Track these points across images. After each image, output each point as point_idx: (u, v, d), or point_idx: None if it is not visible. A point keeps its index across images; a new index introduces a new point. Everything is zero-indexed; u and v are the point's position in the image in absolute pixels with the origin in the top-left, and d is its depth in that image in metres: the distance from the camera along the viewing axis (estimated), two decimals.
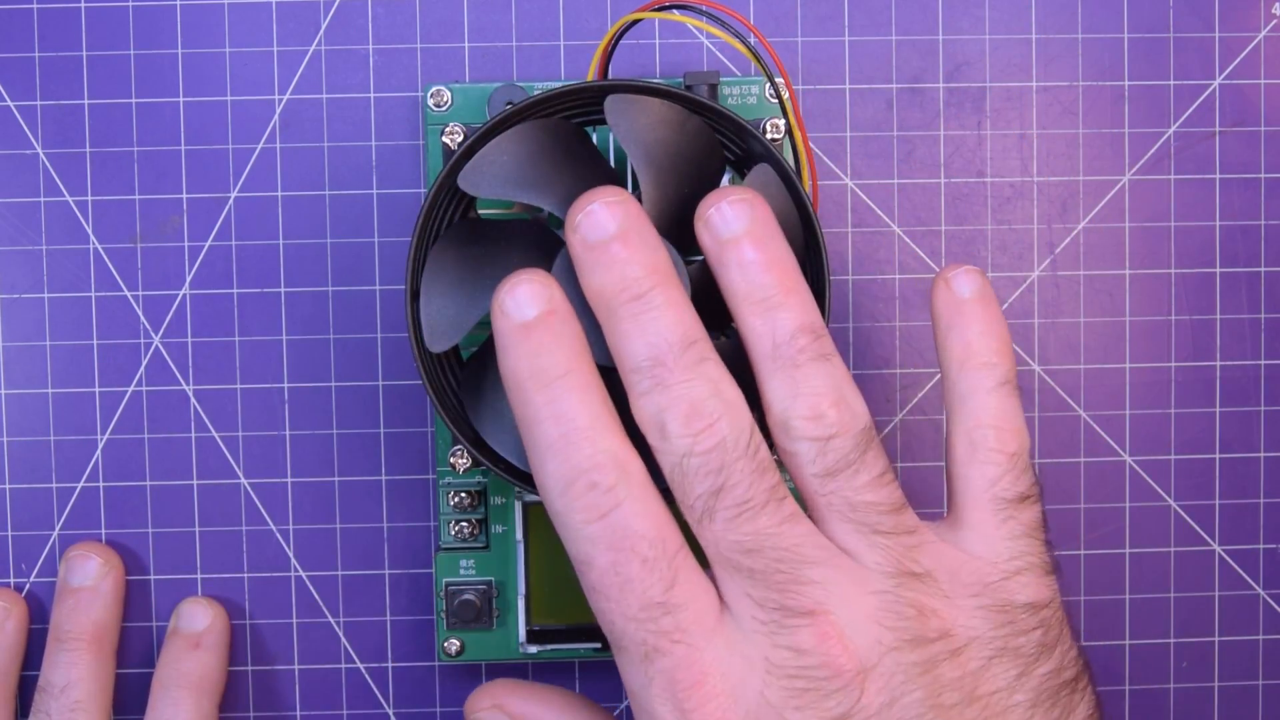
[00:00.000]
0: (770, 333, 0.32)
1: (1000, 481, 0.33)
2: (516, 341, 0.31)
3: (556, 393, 0.30)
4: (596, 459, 0.30)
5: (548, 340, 0.31)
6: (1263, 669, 0.44)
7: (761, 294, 0.32)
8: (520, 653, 0.41)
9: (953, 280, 0.35)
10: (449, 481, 0.41)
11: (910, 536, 0.32)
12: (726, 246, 0.32)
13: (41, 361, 0.42)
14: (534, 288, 0.31)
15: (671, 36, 0.42)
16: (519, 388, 0.31)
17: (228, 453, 0.42)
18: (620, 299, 0.31)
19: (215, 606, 0.42)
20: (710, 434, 0.30)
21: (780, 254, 0.32)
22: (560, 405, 0.30)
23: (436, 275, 0.36)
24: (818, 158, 0.43)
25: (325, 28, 0.42)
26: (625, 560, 0.30)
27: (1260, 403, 0.43)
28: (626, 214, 0.32)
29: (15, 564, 0.42)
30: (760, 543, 0.30)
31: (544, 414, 0.30)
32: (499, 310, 0.31)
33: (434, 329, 0.36)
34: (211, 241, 0.42)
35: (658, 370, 0.31)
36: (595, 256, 0.31)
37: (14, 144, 0.42)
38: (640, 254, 0.31)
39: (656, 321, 0.31)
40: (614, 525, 0.30)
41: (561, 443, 0.30)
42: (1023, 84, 0.43)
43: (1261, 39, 0.43)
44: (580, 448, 0.30)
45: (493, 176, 0.36)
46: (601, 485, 0.30)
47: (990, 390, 0.34)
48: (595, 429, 0.30)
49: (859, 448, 0.31)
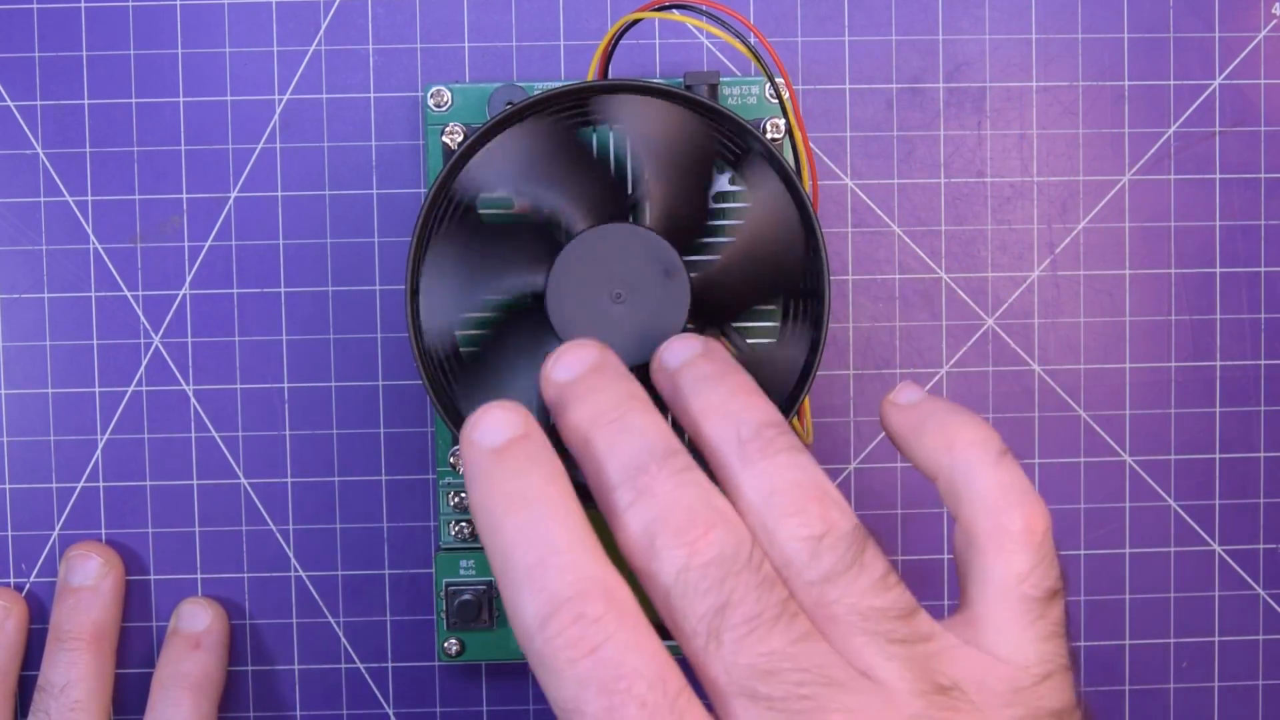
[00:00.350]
0: (734, 430, 0.29)
1: (1030, 577, 0.29)
2: (487, 469, 0.28)
3: (532, 516, 0.27)
4: (581, 586, 0.26)
5: (521, 463, 0.28)
6: (1263, 669, 0.44)
7: (719, 400, 0.30)
8: (520, 653, 0.41)
9: (897, 398, 0.33)
10: (449, 481, 0.41)
11: (929, 644, 0.28)
12: (679, 374, 0.31)
13: (41, 361, 0.42)
14: (503, 413, 0.28)
15: (671, 36, 0.42)
16: (488, 514, 0.27)
17: (228, 453, 0.42)
18: (596, 424, 0.29)
19: (215, 607, 0.42)
20: (707, 543, 0.27)
21: (735, 369, 0.31)
22: (537, 529, 0.27)
23: (437, 270, 0.36)
24: (818, 158, 0.43)
25: (325, 28, 0.42)
26: (621, 705, 0.25)
27: (1260, 403, 0.43)
28: (600, 353, 0.30)
29: (15, 564, 0.42)
30: (777, 664, 0.26)
31: (518, 539, 0.27)
32: (466, 441, 0.28)
33: (433, 324, 0.36)
34: (211, 241, 0.42)
35: (641, 479, 0.28)
36: (569, 394, 0.30)
37: (14, 144, 0.42)
38: (614, 384, 0.29)
39: (636, 435, 0.28)
40: (605, 662, 0.26)
41: (539, 569, 0.26)
42: (1023, 84, 0.43)
43: (1261, 39, 0.43)
44: (562, 574, 0.26)
45: (497, 174, 0.36)
46: (588, 616, 0.26)
47: (993, 464, 0.30)
48: (577, 552, 0.26)
49: (855, 547, 0.28)
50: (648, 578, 0.27)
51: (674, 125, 0.36)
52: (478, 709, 0.43)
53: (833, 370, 0.43)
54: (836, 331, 0.43)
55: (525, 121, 0.36)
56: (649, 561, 0.27)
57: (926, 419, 0.32)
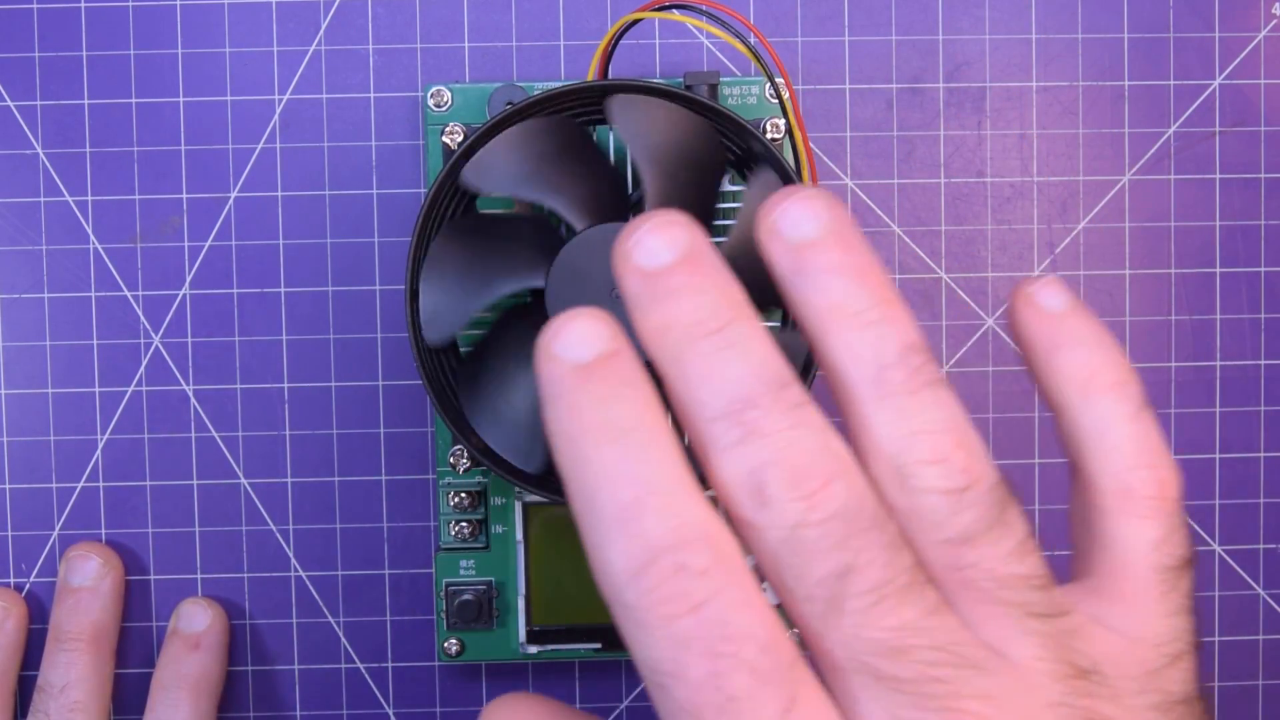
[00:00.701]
0: (872, 352, 0.24)
1: (1165, 545, 0.26)
2: (572, 388, 0.24)
3: (627, 448, 0.23)
4: (683, 532, 0.22)
5: (613, 385, 0.24)
6: (1263, 669, 0.44)
7: (856, 305, 0.25)
8: (520, 653, 0.41)
9: (1038, 295, 0.27)
10: (449, 481, 0.41)
11: (1068, 619, 0.24)
12: (804, 251, 0.25)
13: (41, 361, 0.42)
14: (589, 324, 0.24)
15: (671, 36, 0.42)
16: (573, 443, 0.23)
17: (228, 453, 0.42)
18: (691, 335, 0.24)
19: (215, 607, 0.42)
20: (828, 496, 0.23)
21: (871, 259, 0.25)
22: (632, 463, 0.23)
23: (437, 267, 0.36)
24: (818, 158, 0.43)
25: (325, 28, 0.42)
26: (729, 671, 0.22)
27: (1260, 403, 0.43)
28: (690, 237, 0.25)
29: (15, 564, 0.42)
30: (907, 640, 0.23)
31: (610, 475, 0.23)
32: (545, 354, 0.24)
33: (433, 321, 0.36)
34: (211, 241, 0.42)
35: (749, 413, 0.23)
36: (654, 287, 0.24)
37: (14, 144, 0.42)
38: (710, 280, 0.24)
39: (743, 357, 0.24)
40: (710, 621, 0.22)
41: (635, 511, 0.23)
42: (1023, 84, 0.43)
43: (1261, 39, 0.43)
44: (661, 518, 0.22)
45: (497, 173, 0.36)
46: (691, 567, 0.22)
47: (1131, 418, 0.26)
48: (677, 493, 0.23)
49: (998, 504, 0.24)
50: (752, 530, 0.23)
51: (675, 125, 0.36)
52: (478, 709, 0.43)
53: None
54: None
55: (526, 121, 0.36)
56: (755, 512, 0.23)
57: (1068, 340, 0.27)
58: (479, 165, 0.35)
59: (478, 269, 0.36)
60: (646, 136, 0.36)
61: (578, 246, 0.35)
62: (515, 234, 0.37)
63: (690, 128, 0.36)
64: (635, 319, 0.25)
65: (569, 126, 0.37)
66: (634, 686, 0.43)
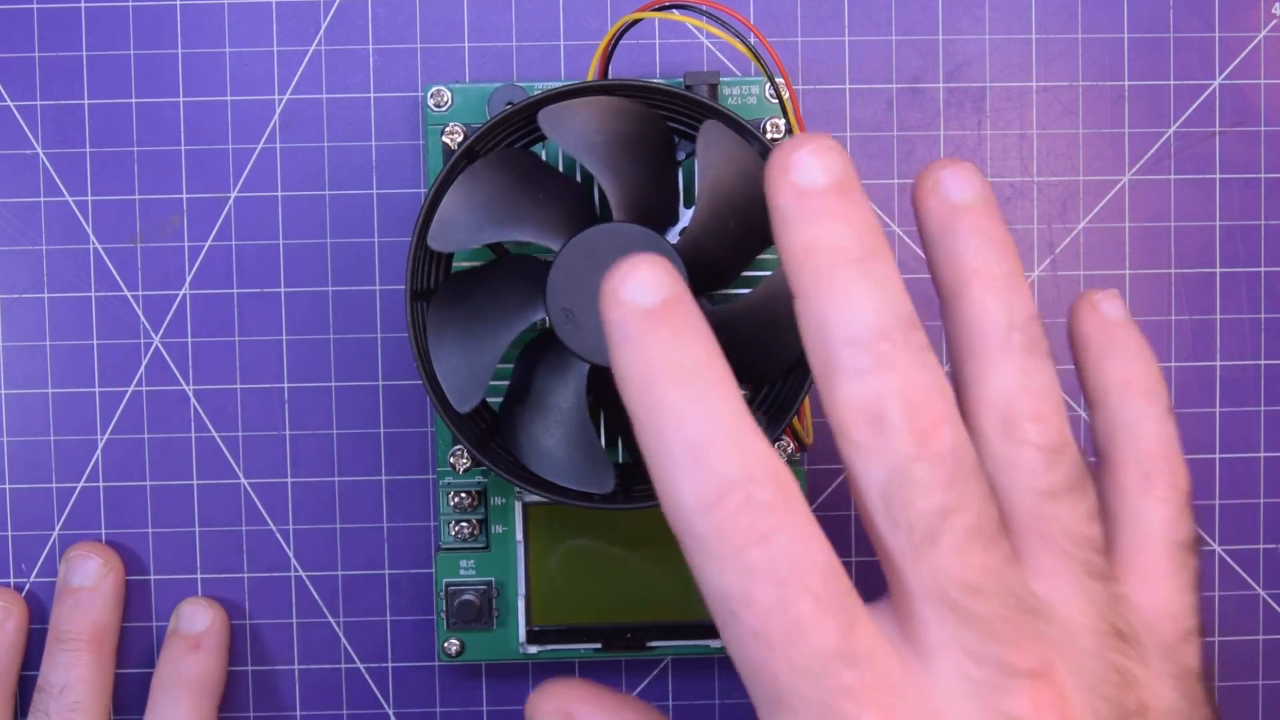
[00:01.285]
0: (1005, 314, 0.27)
1: (1177, 523, 0.29)
2: (641, 331, 0.25)
3: (696, 389, 0.25)
4: (750, 469, 0.24)
5: (680, 329, 0.25)
6: (1263, 669, 0.44)
7: (999, 269, 0.27)
8: (520, 653, 0.41)
9: (1101, 304, 0.31)
10: (449, 481, 0.41)
11: (1116, 585, 0.27)
12: (960, 213, 0.28)
13: (41, 361, 0.42)
14: (656, 270, 0.25)
15: (671, 36, 0.42)
16: (646, 385, 0.25)
17: (228, 453, 0.42)
18: (837, 258, 0.25)
19: (215, 607, 0.42)
20: (940, 436, 0.25)
21: (1009, 237, 0.28)
22: (701, 403, 0.25)
23: (441, 339, 0.36)
24: None
25: (325, 28, 0.42)
26: (796, 597, 0.24)
27: (1260, 403, 0.43)
28: (844, 165, 0.26)
29: (15, 564, 0.42)
30: (988, 582, 0.25)
31: (680, 414, 0.25)
32: (613, 298, 0.25)
33: (457, 390, 0.36)
34: (211, 241, 0.42)
35: (882, 345, 0.25)
36: (808, 206, 0.26)
37: (14, 144, 0.42)
38: (861, 212, 0.26)
39: (881, 289, 0.26)
40: (779, 552, 0.24)
41: (705, 448, 0.24)
42: (1023, 84, 0.43)
43: (1261, 39, 0.43)
44: (729, 454, 0.24)
45: (459, 228, 0.36)
46: (759, 501, 0.24)
47: (1158, 419, 0.30)
48: (744, 432, 0.25)
49: (1081, 471, 0.27)
50: (860, 453, 0.25)
51: (609, 118, 0.36)
52: (478, 709, 0.43)
53: None
54: None
55: (472, 165, 0.36)
56: (870, 437, 0.25)
57: (1118, 345, 0.31)
58: (439, 227, 0.36)
59: (479, 323, 0.37)
60: (582, 137, 0.36)
61: (563, 266, 0.35)
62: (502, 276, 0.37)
63: (623, 116, 0.36)
64: (782, 233, 0.26)
65: (514, 156, 0.37)
66: (634, 686, 0.43)
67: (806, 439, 0.39)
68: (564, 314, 0.35)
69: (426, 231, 0.36)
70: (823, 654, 0.24)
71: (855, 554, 0.43)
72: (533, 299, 0.37)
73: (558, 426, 0.37)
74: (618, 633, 0.41)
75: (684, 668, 0.43)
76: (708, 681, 0.43)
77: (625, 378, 0.25)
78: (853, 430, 0.25)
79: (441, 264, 0.39)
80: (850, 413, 0.25)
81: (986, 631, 0.25)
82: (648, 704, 0.32)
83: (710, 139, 0.36)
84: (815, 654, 0.24)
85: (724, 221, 0.36)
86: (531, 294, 0.37)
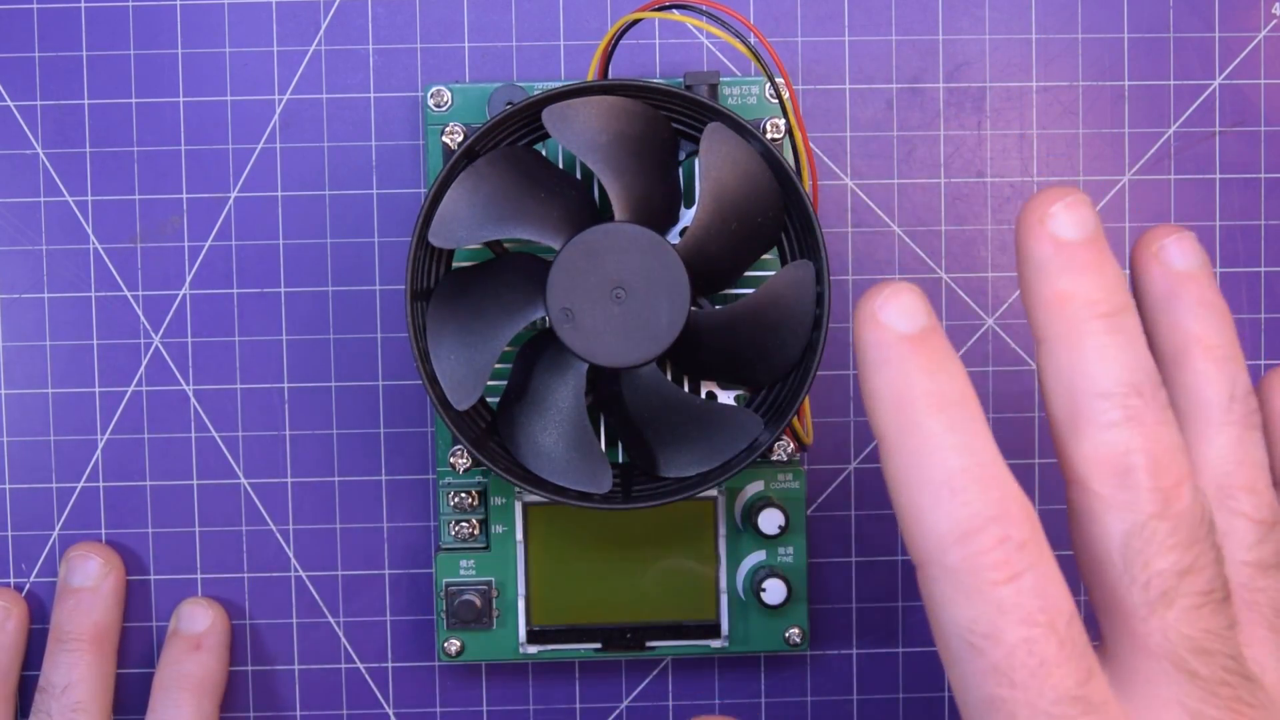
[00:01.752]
0: (1226, 385, 0.28)
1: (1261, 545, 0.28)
2: (903, 355, 0.26)
3: (957, 419, 0.25)
4: (1006, 505, 0.25)
5: (940, 358, 0.26)
6: None
7: (1220, 339, 0.28)
8: (520, 653, 0.41)
9: (1164, 251, 0.30)
10: (449, 481, 0.41)
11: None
12: (1185, 281, 0.29)
13: (41, 361, 0.42)
14: (915, 299, 0.26)
15: (671, 36, 0.42)
16: (904, 408, 0.26)
17: (228, 453, 0.42)
18: (1090, 310, 0.26)
19: (215, 607, 0.42)
20: (1179, 496, 0.25)
21: (1227, 306, 0.29)
22: (962, 434, 0.25)
23: (440, 335, 0.36)
24: (818, 158, 0.43)
25: (325, 28, 0.42)
26: (1043, 637, 0.24)
27: None
28: (1097, 220, 0.27)
29: (15, 564, 0.42)
30: (1214, 645, 0.25)
31: (945, 442, 0.25)
32: (872, 320, 0.26)
33: (455, 387, 0.36)
34: (211, 241, 0.42)
35: (1133, 400, 0.26)
36: (1064, 257, 0.27)
37: (14, 144, 0.42)
38: (1112, 266, 0.27)
39: (1132, 345, 0.26)
40: (1028, 591, 0.24)
41: (964, 479, 0.25)
42: (1023, 84, 0.43)
43: (1261, 39, 0.43)
44: (987, 488, 0.25)
45: (460, 225, 0.36)
46: (1014, 539, 0.25)
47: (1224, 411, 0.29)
48: (1000, 467, 0.25)
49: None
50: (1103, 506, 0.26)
51: (613, 118, 0.36)
52: (478, 709, 0.43)
53: (833, 370, 0.43)
54: (836, 331, 0.43)
55: (475, 163, 0.36)
56: (1115, 490, 0.25)
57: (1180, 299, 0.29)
58: (440, 223, 0.36)
59: (477, 325, 0.37)
60: (586, 136, 0.36)
61: (564, 264, 0.35)
62: (501, 273, 0.37)
63: (627, 116, 0.36)
64: (1035, 281, 0.27)
65: (517, 154, 0.37)
66: (634, 687, 0.43)
67: (806, 439, 0.39)
68: (564, 313, 0.35)
69: (427, 231, 0.36)
70: (1063, 698, 0.24)
71: (856, 554, 0.43)
72: (532, 297, 0.37)
73: (556, 426, 0.37)
74: (618, 633, 0.41)
75: (684, 668, 0.43)
76: (708, 681, 0.43)
77: (881, 398, 0.26)
78: (1096, 481, 0.26)
79: (442, 264, 0.39)
80: (1096, 464, 0.26)
81: (1208, 693, 0.25)
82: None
83: (713, 141, 0.36)
84: (1056, 697, 0.24)
85: (726, 223, 0.36)
86: (531, 292, 0.37)
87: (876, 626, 0.43)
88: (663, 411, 0.37)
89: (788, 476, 0.41)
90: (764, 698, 0.43)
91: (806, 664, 0.43)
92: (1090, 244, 0.27)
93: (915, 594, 0.43)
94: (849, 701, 0.43)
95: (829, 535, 0.43)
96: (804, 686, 0.43)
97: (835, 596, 0.43)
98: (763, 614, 0.41)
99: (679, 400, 0.38)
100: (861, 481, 0.43)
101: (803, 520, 0.41)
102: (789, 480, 0.41)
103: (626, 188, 0.36)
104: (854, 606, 0.43)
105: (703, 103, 0.36)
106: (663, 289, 0.35)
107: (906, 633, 0.43)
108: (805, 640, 0.41)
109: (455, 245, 0.36)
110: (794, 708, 0.43)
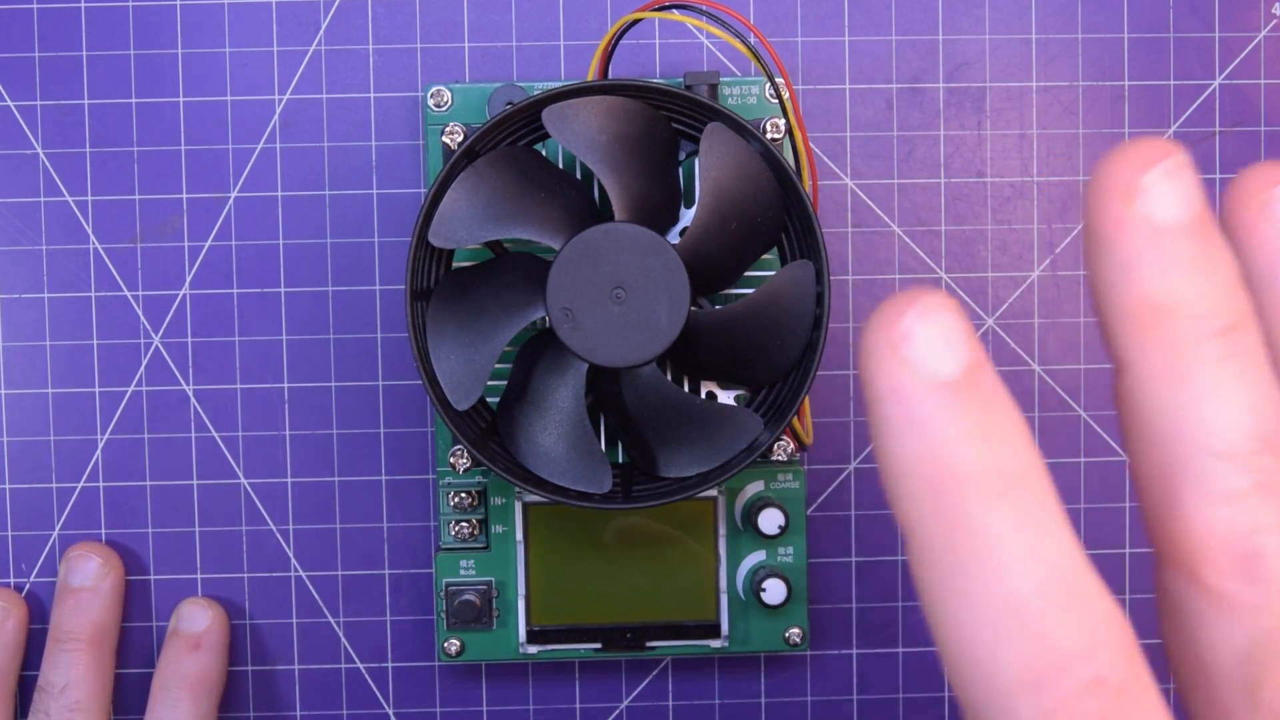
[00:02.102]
0: None
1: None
2: (939, 412, 0.18)
3: (1022, 508, 0.18)
4: (1095, 634, 0.18)
5: (990, 412, 0.18)
6: None
7: None
8: (520, 653, 0.41)
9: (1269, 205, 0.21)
10: (449, 481, 0.41)
11: None
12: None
13: (41, 361, 0.42)
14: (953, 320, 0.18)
15: (671, 36, 0.42)
16: (944, 495, 0.18)
17: (228, 453, 0.42)
18: (1201, 329, 0.19)
19: (215, 607, 0.42)
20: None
21: None
22: (1032, 532, 0.18)
23: (440, 335, 0.36)
24: (818, 158, 0.43)
25: (325, 28, 0.42)
26: None
27: None
28: (1203, 199, 0.20)
29: (15, 564, 0.42)
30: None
31: (1009, 548, 0.18)
32: (890, 356, 0.18)
33: (455, 387, 0.36)
34: (211, 241, 0.42)
35: (1263, 460, 0.18)
36: (1162, 249, 0.19)
37: (14, 144, 0.42)
38: (1224, 260, 0.19)
39: (1257, 377, 0.19)
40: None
41: (1041, 602, 0.17)
42: (1023, 84, 0.43)
43: (1261, 39, 0.43)
44: (1073, 614, 0.18)
45: (460, 225, 0.36)
46: (1109, 685, 0.17)
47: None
48: (1086, 577, 0.18)
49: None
50: (1219, 605, 0.18)
51: (613, 118, 0.36)
52: (478, 709, 0.43)
53: (833, 370, 0.43)
54: (836, 331, 0.43)
55: (474, 163, 0.36)
56: (1241, 584, 0.18)
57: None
58: (440, 223, 0.36)
59: (477, 325, 0.37)
60: (586, 136, 0.36)
61: (564, 264, 0.35)
62: (501, 273, 0.37)
63: (627, 116, 0.36)
64: (1120, 284, 0.19)
65: (517, 154, 0.37)
66: (634, 687, 0.43)
67: (806, 439, 0.39)
68: (564, 313, 0.35)
69: (427, 231, 0.36)
70: None
71: (856, 554, 0.43)
72: (532, 297, 0.37)
73: (556, 426, 0.37)
74: (618, 633, 0.41)
75: (684, 668, 0.43)
76: (708, 681, 0.43)
77: (909, 477, 0.18)
78: (1212, 573, 0.18)
79: (442, 264, 0.39)
80: (1211, 549, 0.18)
81: None
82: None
83: (713, 141, 0.36)
84: None
85: (726, 222, 0.36)
86: (531, 292, 0.37)
87: (876, 627, 0.43)
88: (663, 411, 0.37)
89: (788, 476, 0.41)
90: (764, 698, 0.43)
91: (806, 664, 0.43)
92: (1196, 229, 0.19)
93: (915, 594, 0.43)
94: (849, 702, 0.43)
95: (829, 535, 0.43)
96: (804, 687, 0.43)
97: (835, 596, 0.43)
98: (763, 614, 0.41)
99: (679, 400, 0.38)
100: (861, 481, 0.43)
101: (803, 520, 0.41)
102: (789, 480, 0.41)
103: (626, 188, 0.36)
104: (854, 606, 0.43)
105: (703, 103, 0.36)
106: (663, 289, 0.35)
107: (906, 633, 0.43)
108: (805, 640, 0.41)
109: (455, 245, 0.36)
110: (794, 708, 0.43)
